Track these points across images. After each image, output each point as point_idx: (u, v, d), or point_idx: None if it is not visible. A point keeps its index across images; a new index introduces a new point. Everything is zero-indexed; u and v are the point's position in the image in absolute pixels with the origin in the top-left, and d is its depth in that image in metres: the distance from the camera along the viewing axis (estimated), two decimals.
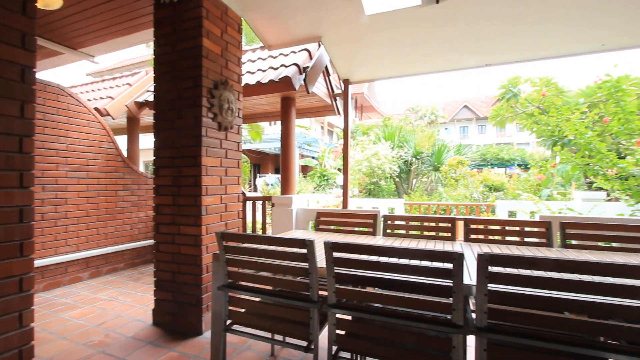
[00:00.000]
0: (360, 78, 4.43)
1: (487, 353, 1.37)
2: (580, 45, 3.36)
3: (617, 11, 2.88)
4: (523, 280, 1.33)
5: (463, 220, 2.69)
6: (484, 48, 3.57)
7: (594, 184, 4.48)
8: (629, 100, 4.86)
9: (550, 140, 5.96)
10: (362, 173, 10.07)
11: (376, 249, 1.59)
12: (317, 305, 1.65)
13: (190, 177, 2.79)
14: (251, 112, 6.10)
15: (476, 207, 6.21)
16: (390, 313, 1.57)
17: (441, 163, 10.50)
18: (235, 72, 3.19)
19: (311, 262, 1.63)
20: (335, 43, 3.75)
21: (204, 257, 2.78)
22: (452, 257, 1.35)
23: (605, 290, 1.24)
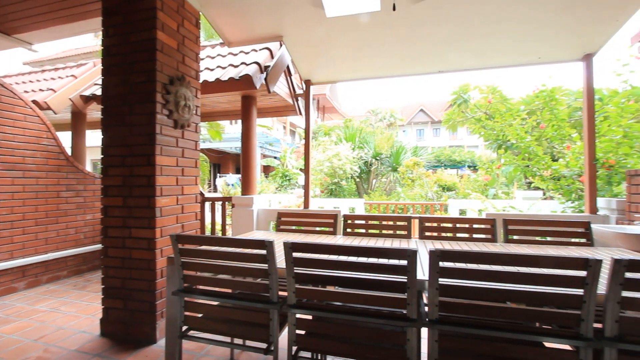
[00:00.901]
0: (321, 79, 4.48)
1: (438, 344, 1.46)
2: (521, 57, 3.69)
3: (550, 29, 3.21)
4: (470, 274, 1.43)
5: (418, 219, 2.82)
6: (437, 56, 3.78)
7: (532, 184, 4.93)
8: (560, 109, 5.44)
9: (496, 143, 6.48)
10: (323, 173, 10.17)
11: (335, 248, 1.62)
12: (277, 306, 1.64)
13: (143, 177, 2.64)
14: (210, 110, 5.91)
15: (431, 206, 6.56)
16: (349, 310, 1.61)
17: (399, 164, 10.93)
18: (192, 68, 3.07)
19: (271, 263, 1.62)
20: (297, 43, 3.76)
21: (159, 261, 2.65)
22: (406, 254, 1.41)
23: (540, 280, 1.37)
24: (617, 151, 3.73)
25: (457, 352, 1.49)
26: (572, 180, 4.17)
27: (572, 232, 2.49)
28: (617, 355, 1.32)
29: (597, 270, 1.29)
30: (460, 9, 3.00)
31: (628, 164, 3.68)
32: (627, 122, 3.88)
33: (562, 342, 1.38)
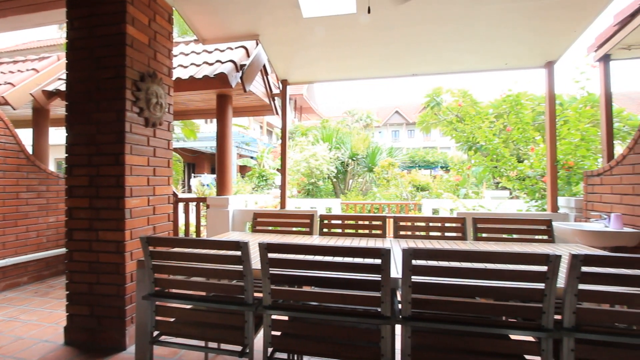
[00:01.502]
0: (298, 79, 4.48)
1: (411, 340, 1.50)
2: (489, 63, 3.86)
3: (515, 38, 3.38)
4: (441, 271, 1.48)
5: (393, 219, 2.89)
6: (411, 59, 3.88)
7: (500, 184, 5.17)
8: (525, 113, 5.76)
9: (466, 145, 6.75)
10: (300, 173, 10.16)
11: (310, 248, 1.62)
12: (252, 307, 1.63)
13: (111, 177, 2.53)
14: (184, 109, 5.76)
15: (405, 205, 6.73)
16: (324, 310, 1.62)
17: (375, 164, 11.11)
18: (165, 65, 2.98)
19: (246, 264, 1.61)
20: (274, 42, 3.73)
21: (128, 265, 2.55)
22: (380, 253, 1.44)
23: (505, 276, 1.44)
24: (576, 153, 4.00)
25: (428, 347, 1.53)
26: (535, 181, 4.41)
27: (536, 229, 2.64)
28: (574, 344, 1.41)
29: (556, 265, 1.37)
30: (431, 16, 3.09)
31: (585, 165, 3.94)
32: (584, 126, 4.16)
33: (525, 334, 1.46)
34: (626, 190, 2.82)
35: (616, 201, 2.93)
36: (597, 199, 3.18)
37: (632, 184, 2.75)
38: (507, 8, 2.94)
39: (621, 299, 1.47)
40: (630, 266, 1.46)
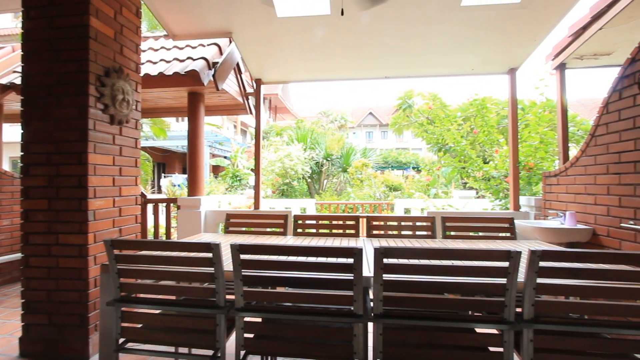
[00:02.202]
0: (272, 79, 4.45)
1: (382, 337, 1.53)
2: (457, 68, 4.03)
3: (481, 45, 3.55)
4: (411, 269, 1.53)
5: (366, 218, 2.93)
6: (383, 62, 3.97)
7: (467, 184, 5.41)
8: (490, 117, 6.06)
9: (436, 146, 7.01)
10: (275, 174, 10.08)
11: (283, 248, 1.62)
12: (224, 310, 1.60)
13: (72, 177, 2.40)
14: (153, 106, 5.55)
15: (378, 205, 6.87)
16: (297, 310, 1.62)
17: (349, 165, 11.24)
18: (132, 60, 2.86)
19: (217, 266, 1.58)
20: (247, 41, 3.69)
21: (91, 270, 2.42)
22: (352, 252, 1.46)
23: (471, 272, 1.51)
24: (535, 155, 4.26)
25: (399, 343, 1.58)
26: (499, 181, 4.65)
27: (499, 227, 2.78)
28: (533, 335, 1.50)
29: (517, 261, 1.45)
30: (403, 21, 3.18)
31: (544, 166, 4.21)
32: (543, 129, 4.45)
33: (489, 327, 1.53)
34: (579, 190, 3.04)
35: (571, 200, 3.15)
36: (554, 198, 3.40)
37: (584, 184, 2.97)
38: (474, 17, 3.08)
39: (574, 291, 1.58)
40: (582, 260, 1.58)
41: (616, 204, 2.60)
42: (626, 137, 2.51)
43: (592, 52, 3.44)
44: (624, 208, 2.53)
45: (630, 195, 2.46)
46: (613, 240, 2.63)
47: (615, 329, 1.53)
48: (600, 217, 2.76)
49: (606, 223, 2.70)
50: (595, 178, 2.83)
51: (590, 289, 1.51)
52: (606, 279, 1.49)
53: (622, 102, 2.58)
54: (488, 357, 1.53)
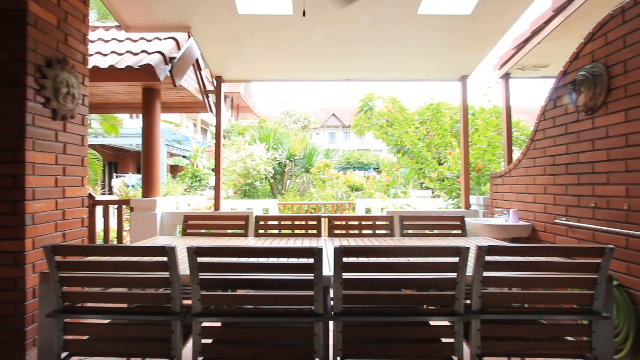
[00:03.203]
0: (234, 77, 4.35)
1: (342, 335, 1.56)
2: (414, 73, 4.22)
3: (436, 53, 3.75)
4: (370, 267, 1.58)
5: (327, 218, 2.97)
6: (345, 64, 4.05)
7: (424, 184, 5.69)
8: (445, 121, 6.44)
9: (395, 148, 7.29)
10: (237, 174, 9.86)
11: (243, 250, 1.60)
12: (179, 316, 1.54)
13: (6, 176, 2.17)
14: (104, 101, 5.19)
15: (340, 205, 6.99)
16: (258, 312, 1.60)
17: (312, 165, 11.30)
18: (78, 51, 2.65)
19: (173, 271, 1.51)
20: (207, 37, 3.57)
21: (29, 279, 2.20)
22: (312, 252, 1.48)
23: (425, 268, 1.59)
24: (484, 157, 4.59)
25: (359, 340, 1.62)
26: (452, 181, 4.95)
27: (451, 225, 2.95)
28: (480, 324, 1.61)
29: (466, 256, 1.55)
30: (364, 25, 3.26)
31: (491, 168, 4.54)
32: (491, 134, 4.80)
33: (442, 319, 1.62)
34: (521, 189, 3.32)
35: (514, 199, 3.43)
36: (500, 197, 3.69)
37: (525, 184, 3.25)
38: (429, 26, 3.24)
39: (516, 282, 1.73)
40: (523, 254, 1.73)
41: (551, 202, 2.88)
42: (560, 142, 2.79)
43: (532, 64, 3.77)
44: (557, 206, 2.80)
45: (563, 194, 2.74)
46: (549, 235, 2.91)
47: (551, 315, 1.70)
48: (538, 214, 3.04)
49: (543, 219, 2.98)
50: (534, 179, 3.10)
51: (529, 280, 1.66)
52: (542, 270, 1.64)
53: (556, 110, 2.86)
54: (441, 347, 1.62)
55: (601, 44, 2.38)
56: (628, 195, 2.17)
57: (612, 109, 2.29)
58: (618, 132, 2.24)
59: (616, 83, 2.26)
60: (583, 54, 2.56)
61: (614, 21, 2.28)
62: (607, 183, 2.32)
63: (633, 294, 2.13)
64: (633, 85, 2.14)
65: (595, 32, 2.43)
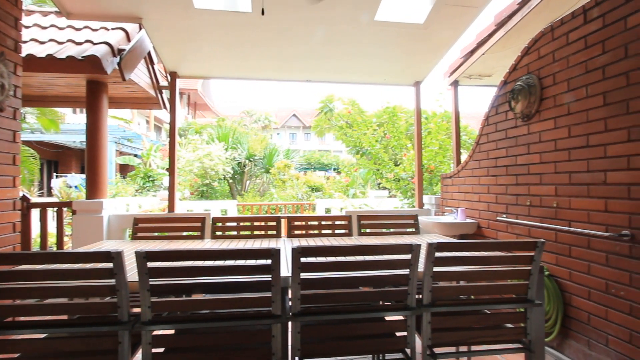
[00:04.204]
0: (189, 73, 4.18)
1: (300, 335, 1.57)
2: (372, 77, 4.35)
3: (391, 59, 3.90)
4: (328, 266, 1.61)
5: (287, 219, 2.97)
6: (305, 65, 4.07)
7: (381, 184, 5.89)
8: (400, 124, 6.73)
9: (355, 149, 7.47)
10: (193, 174, 9.47)
11: (198, 253, 1.54)
12: (127, 326, 1.45)
13: None
14: (41, 94, 4.72)
15: (301, 205, 7.01)
16: (214, 317, 1.56)
17: (272, 166, 11.19)
18: (9, 36, 2.39)
19: (119, 277, 1.42)
20: (160, 30, 3.40)
21: None
22: (270, 253, 1.47)
23: (380, 265, 1.65)
24: (435, 159, 4.86)
25: (317, 339, 1.64)
26: (407, 182, 5.18)
27: (406, 223, 3.08)
28: (430, 317, 1.71)
29: (417, 253, 1.64)
30: (324, 27, 3.31)
31: (442, 169, 4.82)
32: (442, 137, 5.10)
33: (396, 314, 1.70)
34: (468, 189, 3.56)
35: (462, 198, 3.67)
36: (450, 197, 3.93)
37: (471, 185, 3.50)
38: (386, 32, 3.37)
39: (463, 276, 1.86)
40: (469, 249, 1.86)
41: (494, 201, 3.12)
42: (501, 146, 3.04)
43: (478, 73, 4.07)
44: (499, 204, 3.05)
45: (503, 194, 2.99)
46: (492, 231, 3.16)
47: (493, 305, 1.84)
48: (483, 212, 3.29)
49: (487, 217, 3.23)
50: (479, 179, 3.35)
51: (474, 273, 1.79)
52: (486, 264, 1.78)
53: (498, 117, 3.11)
54: (395, 341, 1.69)
55: (535, 58, 2.64)
56: (557, 194, 2.42)
57: (544, 117, 2.55)
58: (549, 137, 2.50)
59: (547, 93, 2.52)
60: (520, 66, 2.82)
61: (545, 38, 2.54)
62: (540, 183, 2.58)
63: (561, 283, 2.38)
64: (561, 96, 2.40)
65: (530, 47, 2.69)
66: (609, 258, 2.04)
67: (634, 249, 1.90)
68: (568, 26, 2.34)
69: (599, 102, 2.11)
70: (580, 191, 2.24)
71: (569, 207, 2.32)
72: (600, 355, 2.09)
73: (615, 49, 2.01)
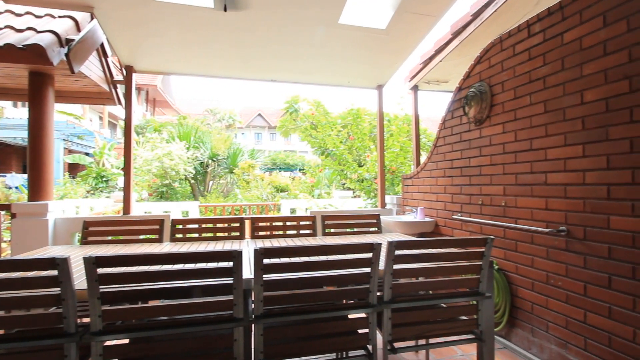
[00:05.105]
0: (147, 68, 3.98)
1: (263, 337, 1.56)
2: (337, 79, 4.41)
3: (355, 62, 3.98)
4: (290, 267, 1.60)
5: (250, 220, 2.92)
6: (270, 65, 4.02)
7: (345, 184, 5.99)
8: (364, 126, 6.89)
9: (320, 150, 7.54)
10: (152, 174, 9.01)
11: (152, 257, 1.47)
12: (74, 337, 1.35)
13: None
14: None
15: (265, 206, 6.93)
16: (172, 323, 1.50)
17: (236, 166, 10.95)
18: None
19: (65, 286, 1.32)
20: (114, 21, 3.20)
21: None
22: (232, 255, 1.44)
23: (343, 264, 1.68)
24: (397, 160, 5.04)
25: (280, 340, 1.63)
26: (370, 182, 5.32)
27: (369, 223, 3.17)
28: (391, 313, 1.77)
29: (378, 251, 1.69)
30: (288, 27, 3.30)
31: (403, 170, 5.00)
32: (403, 139, 5.29)
33: (359, 312, 1.74)
34: (426, 189, 3.73)
35: (421, 198, 3.84)
36: (410, 197, 4.09)
37: (430, 185, 3.66)
38: (350, 35, 3.43)
39: (421, 272, 1.94)
40: (427, 247, 1.95)
41: (450, 200, 3.30)
42: (456, 148, 3.22)
43: (436, 78, 4.28)
44: (454, 203, 3.23)
45: (458, 193, 3.17)
46: (448, 229, 3.33)
47: (449, 299, 1.94)
48: (440, 211, 3.46)
49: (444, 216, 3.40)
50: (437, 180, 3.52)
51: (432, 269, 1.88)
52: (443, 260, 1.87)
53: (453, 121, 3.29)
54: (358, 339, 1.73)
55: (486, 67, 2.83)
56: (505, 194, 2.61)
57: (494, 122, 2.74)
58: (498, 141, 2.69)
59: (497, 100, 2.70)
60: (473, 74, 3.00)
61: (495, 48, 2.73)
62: (490, 184, 2.76)
63: (509, 276, 2.57)
64: (508, 103, 2.59)
65: (482, 56, 2.88)
66: (549, 252, 2.23)
67: (569, 243, 2.10)
68: (514, 38, 2.53)
69: (540, 110, 2.31)
70: (525, 191, 2.43)
71: (515, 206, 2.51)
72: (541, 340, 2.29)
73: (554, 62, 2.21)
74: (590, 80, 1.98)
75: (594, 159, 1.96)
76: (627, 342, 1.77)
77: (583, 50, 2.03)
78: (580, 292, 2.03)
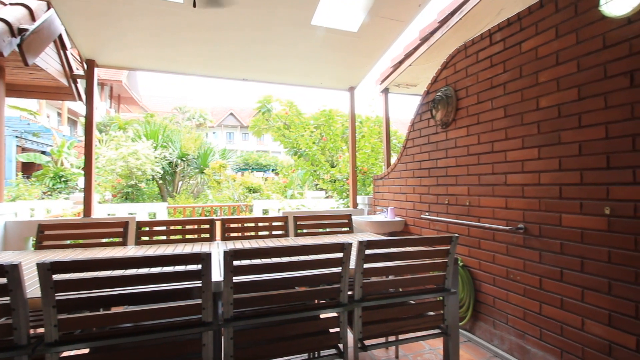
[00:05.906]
0: (110, 62, 3.79)
1: (233, 340, 1.53)
2: (309, 80, 4.42)
3: (327, 64, 4.01)
4: (261, 268, 1.59)
5: (221, 221, 2.86)
6: (241, 64, 3.96)
7: (318, 185, 6.02)
8: (337, 127, 6.96)
9: (292, 150, 7.52)
10: (116, 174, 8.58)
11: (114, 261, 1.41)
12: (26, 350, 1.26)
13: None
14: None
15: (237, 207, 6.81)
16: (136, 330, 1.44)
17: (207, 166, 10.67)
18: None
19: (15, 294, 1.23)
20: (73, 11, 3.01)
21: None
22: (200, 258, 1.41)
23: (314, 264, 1.69)
24: (368, 161, 5.13)
25: (251, 343, 1.61)
26: (343, 183, 5.38)
27: (341, 223, 3.20)
28: (361, 311, 1.80)
29: (349, 251, 1.71)
30: (259, 26, 3.27)
31: (374, 170, 5.10)
32: (374, 140, 5.40)
33: (330, 311, 1.75)
34: (396, 190, 3.83)
35: (391, 198, 3.93)
36: (381, 197, 4.18)
37: (399, 185, 3.77)
38: (321, 37, 3.45)
39: (391, 271, 1.99)
40: (396, 246, 2.00)
41: (418, 200, 3.41)
42: (424, 150, 3.33)
43: (405, 82, 4.41)
44: (423, 203, 3.34)
45: (426, 194, 3.28)
46: (417, 228, 3.44)
47: (417, 295, 2.01)
48: (409, 211, 3.56)
49: (413, 215, 3.51)
50: (406, 180, 3.63)
51: (401, 267, 1.93)
52: (411, 258, 1.93)
53: (422, 123, 3.40)
54: (329, 338, 1.74)
55: (452, 72, 2.95)
56: (469, 194, 2.74)
57: (459, 125, 2.86)
58: (462, 143, 2.81)
59: (462, 104, 2.83)
60: (440, 78, 3.12)
61: (460, 54, 2.86)
62: (455, 184, 2.88)
63: (473, 272, 2.69)
64: (472, 107, 2.72)
65: (448, 62, 3.00)
66: (509, 248, 2.37)
67: (526, 240, 2.23)
68: (478, 46, 2.66)
69: (501, 114, 2.44)
70: (487, 191, 2.56)
71: (478, 205, 2.64)
72: (502, 332, 2.42)
73: (513, 69, 2.35)
74: (545, 88, 2.13)
75: (548, 161, 2.10)
76: (577, 331, 1.92)
77: (538, 59, 2.17)
78: (536, 285, 2.17)
